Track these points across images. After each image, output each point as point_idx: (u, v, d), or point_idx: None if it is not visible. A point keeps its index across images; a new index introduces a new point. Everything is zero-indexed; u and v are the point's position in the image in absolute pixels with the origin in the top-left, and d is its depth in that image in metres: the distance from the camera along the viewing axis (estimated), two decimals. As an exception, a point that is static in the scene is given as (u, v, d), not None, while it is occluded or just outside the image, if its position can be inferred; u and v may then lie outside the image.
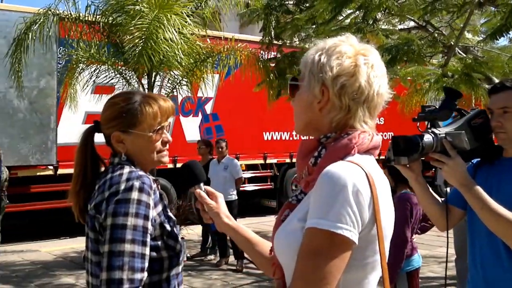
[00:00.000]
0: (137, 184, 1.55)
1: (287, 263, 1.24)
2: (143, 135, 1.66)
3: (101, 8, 7.26)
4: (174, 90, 7.47)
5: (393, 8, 5.76)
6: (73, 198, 1.72)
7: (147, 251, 1.53)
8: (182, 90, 7.59)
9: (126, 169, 1.61)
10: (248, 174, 10.03)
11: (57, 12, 7.21)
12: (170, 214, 1.70)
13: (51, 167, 8.49)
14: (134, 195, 1.53)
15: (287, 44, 6.90)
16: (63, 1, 7.23)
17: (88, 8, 7.35)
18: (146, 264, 1.52)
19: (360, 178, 1.16)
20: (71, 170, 6.71)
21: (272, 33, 6.44)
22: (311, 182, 1.24)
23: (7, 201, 7.70)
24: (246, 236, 1.61)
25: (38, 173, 8.47)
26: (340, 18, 6.13)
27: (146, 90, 7.23)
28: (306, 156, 1.30)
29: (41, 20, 7.13)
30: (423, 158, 1.93)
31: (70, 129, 8.60)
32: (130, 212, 1.51)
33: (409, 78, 7.70)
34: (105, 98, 8.06)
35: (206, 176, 6.62)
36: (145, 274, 1.51)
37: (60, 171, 8.51)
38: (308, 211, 1.18)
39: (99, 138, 1.73)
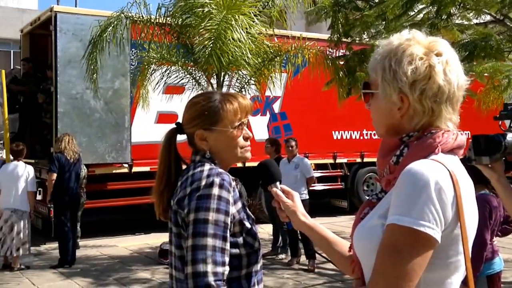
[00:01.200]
0: (217, 180, 1.60)
1: (366, 260, 1.26)
2: (225, 131, 1.72)
3: (171, 10, 7.51)
4: (243, 90, 7.60)
5: (468, 2, 5.58)
6: (156, 197, 1.81)
7: (227, 246, 1.58)
8: (250, 89, 7.71)
9: (207, 166, 1.67)
10: (317, 174, 10.02)
11: (130, 15, 7.52)
12: (249, 212, 1.75)
13: (126, 165, 8.84)
14: (215, 191, 1.59)
15: (357, 41, 6.84)
16: (135, 4, 7.56)
17: (159, 10, 7.64)
18: (227, 259, 1.57)
19: (443, 176, 1.17)
20: (144, 168, 7.09)
21: (341, 30, 6.39)
22: (392, 180, 1.25)
23: (86, 198, 8.18)
24: (323, 235, 1.61)
25: (114, 171, 8.86)
26: (412, 13, 6.01)
27: (216, 90, 7.45)
28: (387, 155, 1.30)
29: (115, 23, 7.46)
30: (505, 158, 1.90)
31: (143, 129, 8.99)
32: (212, 207, 1.57)
33: (486, 74, 7.42)
34: (176, 98, 8.38)
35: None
36: (227, 268, 1.56)
37: (135, 169, 8.87)
38: (389, 208, 1.19)
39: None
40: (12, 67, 12.53)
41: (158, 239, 8.23)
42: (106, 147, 8.62)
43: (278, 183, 1.72)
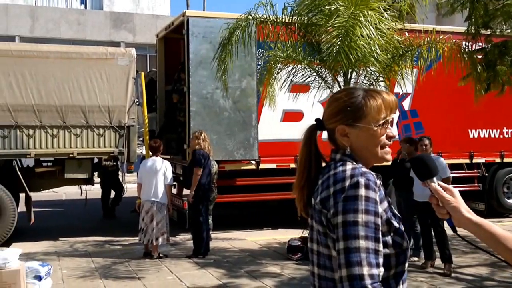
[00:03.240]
0: (362, 180, 1.58)
1: None
2: (368, 128, 1.68)
3: (296, 9, 7.64)
4: (371, 87, 7.51)
5: None
6: (297, 193, 1.80)
7: (380, 247, 1.54)
8: (379, 87, 7.59)
9: (349, 166, 1.65)
10: (452, 174, 9.57)
11: (257, 16, 7.80)
12: (395, 211, 1.71)
13: (253, 162, 9.20)
14: (362, 191, 1.56)
15: (497, 33, 6.42)
16: (262, 5, 7.80)
17: (285, 10, 7.81)
18: (381, 260, 1.54)
19: None
20: (271, 165, 7.38)
21: (479, 22, 6.06)
22: None
23: (217, 193, 8.65)
24: (492, 231, 1.53)
25: (242, 167, 9.26)
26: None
27: (342, 88, 7.46)
28: None
29: (243, 25, 7.78)
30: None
31: (269, 127, 9.29)
32: (360, 209, 1.55)
33: None
34: (302, 96, 8.53)
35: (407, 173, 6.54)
36: (382, 270, 1.54)
37: (262, 166, 9.22)
38: None
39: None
40: (149, 70, 13.57)
41: (285, 234, 8.47)
42: (234, 144, 9.03)
43: (435, 178, 1.68)
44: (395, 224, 1.65)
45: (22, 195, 8.87)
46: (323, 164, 1.79)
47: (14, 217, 8.33)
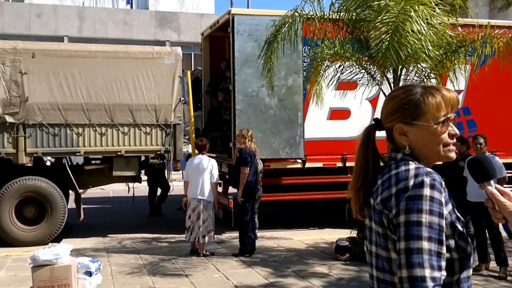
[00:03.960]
0: (427, 180, 1.55)
1: None
2: (427, 126, 1.65)
3: (344, 5, 7.55)
4: (430, 84, 7.34)
5: None
6: (353, 194, 1.77)
7: (443, 250, 1.52)
8: (430, 84, 7.41)
9: (412, 165, 1.62)
10: (508, 174, 9.26)
11: (303, 13, 7.75)
12: (458, 214, 1.68)
13: (299, 161, 9.17)
14: (426, 191, 1.53)
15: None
16: (309, 2, 7.75)
17: (332, 6, 7.73)
18: (444, 263, 1.51)
19: None
20: (317, 164, 7.34)
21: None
22: None
23: (262, 191, 8.67)
24: None
25: (287, 166, 9.25)
26: None
27: (392, 85, 7.32)
28: None
29: (289, 22, 7.75)
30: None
31: (315, 125, 9.24)
32: (424, 209, 1.52)
33: None
34: (349, 94, 8.43)
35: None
36: (444, 273, 1.51)
37: (308, 165, 9.17)
38: None
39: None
40: (193, 68, 13.72)
41: (332, 234, 8.41)
42: (280, 142, 9.01)
43: (492, 181, 1.64)
44: (459, 227, 1.62)
45: (71, 192, 9.15)
46: (381, 164, 1.77)
47: (64, 214, 8.60)
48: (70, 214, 8.78)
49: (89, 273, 6.06)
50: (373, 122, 1.79)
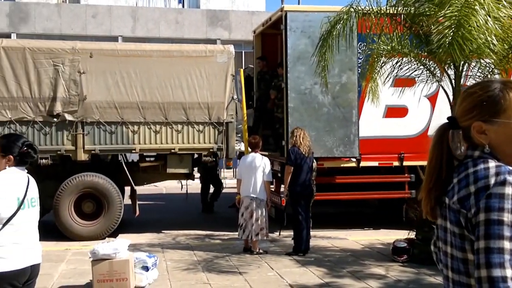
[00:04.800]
0: (510, 179, 1.51)
1: None
2: (508, 123, 1.60)
3: (402, -1, 7.38)
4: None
5: None
6: (424, 194, 1.74)
7: None
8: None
9: (492, 163, 1.58)
10: None
11: (359, 8, 7.63)
12: None
13: (354, 160, 9.05)
14: (509, 190, 1.50)
15: None
16: (364, -3, 7.63)
17: (390, 0, 7.57)
18: None
19: None
20: (373, 163, 7.19)
21: None
22: None
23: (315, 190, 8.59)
24: None
25: (341, 165, 9.14)
26: None
27: (453, 81, 7.11)
28: None
29: (344, 18, 7.65)
30: None
31: (371, 123, 9.08)
32: (506, 207, 1.48)
33: None
34: (407, 91, 8.24)
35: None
36: None
37: (362, 164, 9.03)
38: None
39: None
40: (245, 66, 13.80)
41: (388, 235, 8.26)
42: (334, 141, 8.92)
43: None
44: None
45: (126, 189, 9.39)
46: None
47: (121, 209, 8.83)
48: (125, 210, 9.00)
49: (146, 268, 6.20)
50: (447, 121, 1.74)
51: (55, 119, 8.60)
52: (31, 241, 3.41)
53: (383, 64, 7.87)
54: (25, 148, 3.38)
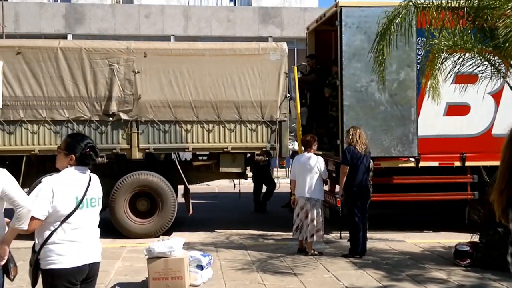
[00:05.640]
0: None
1: None
2: None
3: (465, -8, 7.15)
4: None
5: None
6: (496, 196, 1.73)
7: None
8: None
9: None
10: None
11: (419, 2, 7.44)
12: None
13: (412, 159, 8.82)
14: None
15: None
16: (426, -10, 7.40)
17: (452, -7, 7.35)
18: None
19: None
20: (433, 163, 7.01)
21: None
22: None
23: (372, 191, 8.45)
24: None
25: (399, 165, 8.93)
26: None
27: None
28: None
29: (403, 12, 7.47)
30: None
31: (431, 121, 8.84)
32: None
33: None
34: (470, 87, 7.97)
35: None
36: None
37: (422, 164, 8.79)
38: None
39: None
40: (298, 64, 13.73)
41: (449, 238, 8.04)
42: (391, 140, 8.72)
43: None
44: None
45: (179, 187, 9.53)
46: None
47: (175, 208, 8.99)
48: (179, 209, 9.15)
49: (201, 267, 6.29)
50: None
51: (110, 118, 8.84)
52: (90, 240, 3.51)
53: (444, 60, 7.67)
54: (88, 150, 3.49)
